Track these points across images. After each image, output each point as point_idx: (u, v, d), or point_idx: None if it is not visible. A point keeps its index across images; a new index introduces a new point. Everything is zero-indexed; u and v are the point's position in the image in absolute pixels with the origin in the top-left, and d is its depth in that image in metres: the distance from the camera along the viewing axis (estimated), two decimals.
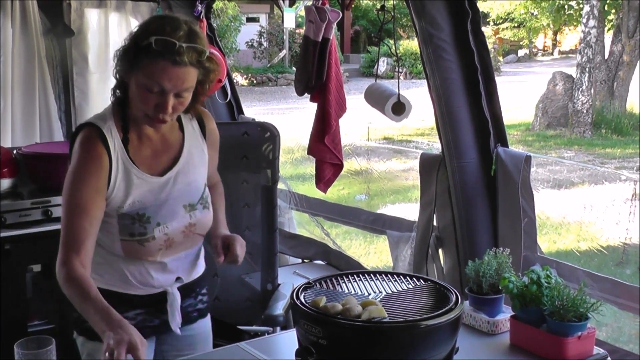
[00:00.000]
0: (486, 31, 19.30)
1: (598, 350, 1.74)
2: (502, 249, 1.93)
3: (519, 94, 14.43)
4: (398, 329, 1.47)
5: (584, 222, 6.41)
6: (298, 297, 1.59)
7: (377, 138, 11.11)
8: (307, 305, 1.55)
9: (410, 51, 18.41)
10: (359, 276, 1.75)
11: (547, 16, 17.15)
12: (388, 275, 1.76)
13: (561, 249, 5.72)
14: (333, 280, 1.73)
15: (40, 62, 3.75)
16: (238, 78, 18.47)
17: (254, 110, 12.73)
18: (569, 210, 6.70)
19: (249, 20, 20.92)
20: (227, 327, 2.06)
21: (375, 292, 1.65)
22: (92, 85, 3.96)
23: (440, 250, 2.69)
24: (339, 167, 2.98)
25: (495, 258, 1.90)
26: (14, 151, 3.12)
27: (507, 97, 10.01)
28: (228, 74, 3.69)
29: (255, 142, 2.62)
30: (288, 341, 1.75)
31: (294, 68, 5.22)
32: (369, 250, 5.73)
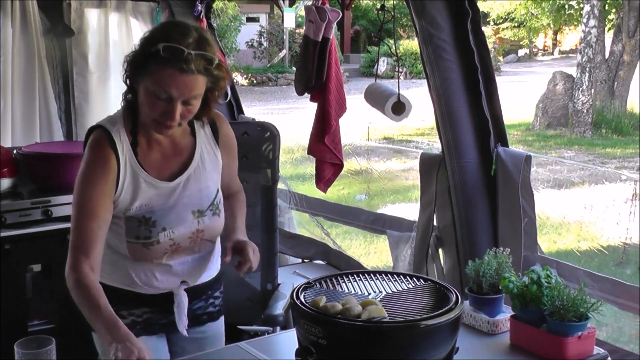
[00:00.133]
0: (486, 31, 19.35)
1: (598, 350, 1.73)
2: (502, 249, 1.93)
3: (519, 94, 14.42)
4: (398, 329, 1.47)
5: (584, 222, 6.40)
6: (298, 297, 1.59)
7: (377, 138, 11.11)
8: (307, 305, 1.55)
9: (410, 51, 18.42)
10: (359, 276, 1.75)
11: (548, 16, 17.15)
12: (388, 275, 1.76)
13: (561, 249, 5.72)
14: (333, 280, 1.73)
15: (40, 62, 3.75)
16: (238, 78, 18.47)
17: (254, 110, 12.72)
18: (569, 210, 6.69)
19: (249, 20, 20.92)
20: (227, 327, 2.06)
21: (375, 292, 1.65)
22: (92, 85, 3.95)
23: (440, 250, 2.69)
24: (339, 167, 2.98)
25: (495, 258, 1.90)
26: (14, 151, 3.12)
27: (507, 97, 10.00)
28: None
29: (255, 142, 2.62)
30: (288, 341, 1.75)
31: (294, 68, 5.21)
32: (369, 250, 5.73)
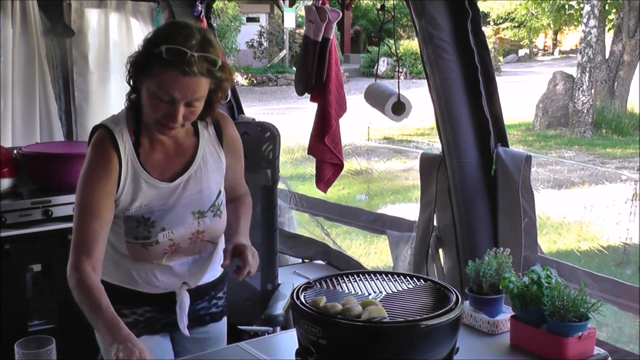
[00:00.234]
0: (486, 31, 19.35)
1: (598, 350, 1.73)
2: (503, 249, 1.93)
3: (519, 94, 14.42)
4: (398, 329, 1.47)
5: (585, 222, 6.40)
6: (298, 297, 1.59)
7: (377, 138, 11.10)
8: (307, 305, 1.55)
9: (410, 51, 18.42)
10: (359, 276, 1.75)
11: (548, 16, 17.14)
12: (388, 275, 1.76)
13: (561, 249, 5.71)
14: (333, 280, 1.72)
15: (40, 62, 3.75)
16: (238, 78, 18.46)
17: (254, 110, 12.71)
18: (570, 210, 6.69)
19: (249, 20, 20.92)
20: (228, 327, 2.07)
21: (375, 292, 1.65)
22: (93, 85, 3.95)
23: (440, 250, 2.69)
24: (339, 167, 2.98)
25: (495, 258, 1.90)
26: (14, 151, 3.12)
27: (508, 97, 9.99)
28: None
29: (255, 142, 2.62)
30: (288, 341, 1.75)
31: (294, 68, 5.21)
32: (369, 250, 5.73)
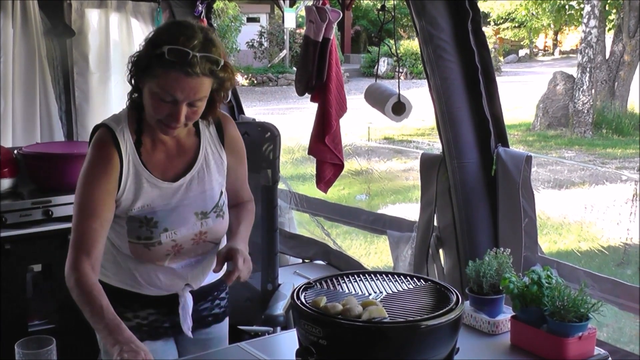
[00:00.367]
0: (487, 31, 19.34)
1: (599, 350, 1.73)
2: (503, 249, 1.93)
3: (520, 94, 14.43)
4: (398, 329, 1.47)
5: (585, 223, 6.39)
6: (298, 297, 1.59)
7: (378, 138, 11.10)
8: (308, 305, 1.55)
9: (410, 51, 18.42)
10: (360, 276, 1.75)
11: (548, 16, 17.15)
12: (388, 275, 1.76)
13: (562, 249, 5.71)
14: (333, 280, 1.72)
15: (40, 62, 3.75)
16: (238, 78, 18.36)
17: (255, 110, 12.71)
18: (570, 210, 6.68)
19: (250, 20, 20.92)
20: (228, 328, 2.07)
21: (375, 292, 1.65)
22: (93, 85, 3.95)
23: (440, 250, 2.69)
24: (340, 167, 2.98)
25: (495, 258, 1.90)
26: (15, 151, 3.12)
27: (508, 97, 10.01)
28: None
29: (255, 142, 2.62)
30: (288, 341, 1.75)
31: (295, 68, 5.21)
32: (370, 250, 5.73)
